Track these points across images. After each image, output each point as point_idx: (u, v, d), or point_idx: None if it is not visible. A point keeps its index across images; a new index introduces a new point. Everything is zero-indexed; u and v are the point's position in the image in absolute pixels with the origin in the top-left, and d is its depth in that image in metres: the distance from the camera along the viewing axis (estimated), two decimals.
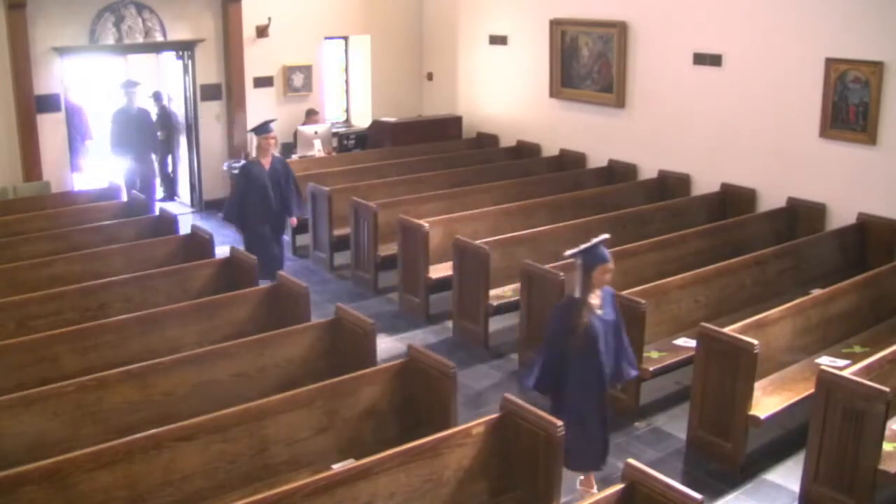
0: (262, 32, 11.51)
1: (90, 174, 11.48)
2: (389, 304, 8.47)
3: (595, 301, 4.93)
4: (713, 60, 9.30)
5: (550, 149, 11.39)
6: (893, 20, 7.79)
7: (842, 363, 5.90)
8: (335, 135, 11.93)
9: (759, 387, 5.65)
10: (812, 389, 5.15)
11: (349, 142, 12.11)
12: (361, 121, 12.83)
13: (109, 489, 4.16)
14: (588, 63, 10.68)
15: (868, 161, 8.12)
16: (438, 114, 12.73)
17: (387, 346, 7.19)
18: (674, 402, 6.44)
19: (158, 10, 10.73)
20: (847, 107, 8.17)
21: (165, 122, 11.83)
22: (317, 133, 11.23)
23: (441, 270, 7.95)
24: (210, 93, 11.40)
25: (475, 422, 4.50)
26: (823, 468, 5.03)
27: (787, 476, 5.49)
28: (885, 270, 7.10)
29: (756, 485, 5.46)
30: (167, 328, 5.96)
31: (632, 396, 6.24)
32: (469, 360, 7.16)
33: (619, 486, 3.89)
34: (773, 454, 5.77)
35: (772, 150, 8.89)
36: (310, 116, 11.54)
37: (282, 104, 11.87)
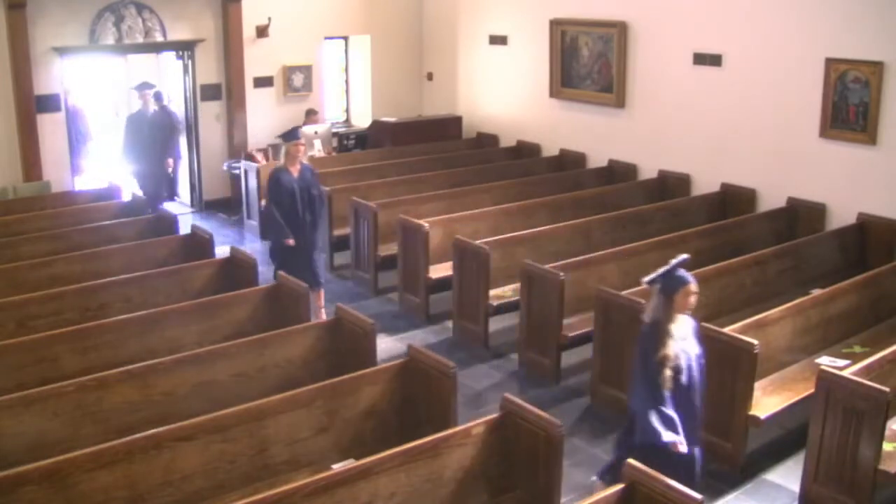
0: (262, 32, 11.52)
1: (92, 176, 11.46)
2: (389, 304, 8.47)
3: (679, 331, 4.58)
4: (713, 60, 9.30)
5: (550, 149, 11.39)
6: (893, 20, 7.79)
7: (842, 363, 5.90)
8: (335, 135, 11.93)
9: (759, 387, 5.65)
10: (812, 389, 5.15)
11: (349, 142, 12.12)
12: (361, 121, 12.84)
13: (109, 489, 4.16)
14: (588, 63, 10.67)
15: (868, 161, 8.12)
16: (438, 114, 12.73)
17: (387, 346, 7.19)
18: None
19: (158, 10, 10.73)
20: (847, 107, 8.17)
21: (165, 123, 11.80)
22: (317, 133, 11.23)
23: (441, 270, 7.95)
24: (210, 93, 11.40)
25: (475, 422, 4.50)
26: (823, 468, 5.03)
27: (787, 476, 5.49)
28: (885, 270, 7.10)
29: (756, 485, 5.46)
30: (167, 328, 5.95)
31: None
32: (469, 360, 7.16)
33: (619, 486, 3.88)
34: (773, 454, 5.77)
35: (772, 150, 8.89)
36: (310, 116, 11.54)
37: (282, 104, 11.88)
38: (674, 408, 4.48)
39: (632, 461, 3.95)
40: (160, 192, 10.62)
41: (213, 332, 6.11)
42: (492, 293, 7.39)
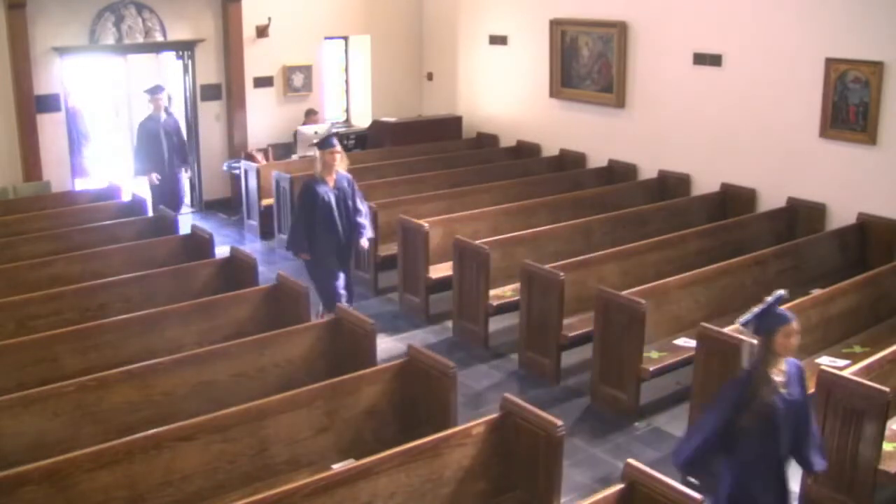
0: (262, 32, 11.52)
1: (94, 177, 11.43)
2: (389, 304, 8.47)
3: (779, 377, 4.14)
4: (713, 60, 9.30)
5: (550, 149, 11.39)
6: (893, 20, 7.79)
7: (842, 363, 5.90)
8: (335, 135, 11.89)
9: None
10: (812, 389, 5.15)
11: (349, 142, 12.09)
12: (361, 121, 12.83)
13: (109, 489, 4.16)
14: (588, 63, 10.67)
15: (868, 161, 8.12)
16: (438, 114, 12.73)
17: (387, 346, 7.19)
18: (674, 402, 6.44)
19: (158, 10, 10.73)
20: (847, 107, 8.17)
21: (177, 127, 11.74)
22: (317, 133, 11.19)
23: (441, 270, 7.95)
24: (210, 93, 11.40)
25: (475, 422, 4.50)
26: None
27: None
28: (885, 270, 7.10)
29: None
30: (167, 328, 5.95)
31: (632, 396, 6.23)
32: (469, 360, 7.16)
33: (619, 486, 3.89)
34: None
35: (772, 150, 8.89)
36: (309, 116, 11.54)
37: (282, 104, 11.88)
38: (751, 451, 4.16)
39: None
40: (181, 199, 10.37)
41: (213, 332, 6.10)
42: (492, 293, 7.39)
